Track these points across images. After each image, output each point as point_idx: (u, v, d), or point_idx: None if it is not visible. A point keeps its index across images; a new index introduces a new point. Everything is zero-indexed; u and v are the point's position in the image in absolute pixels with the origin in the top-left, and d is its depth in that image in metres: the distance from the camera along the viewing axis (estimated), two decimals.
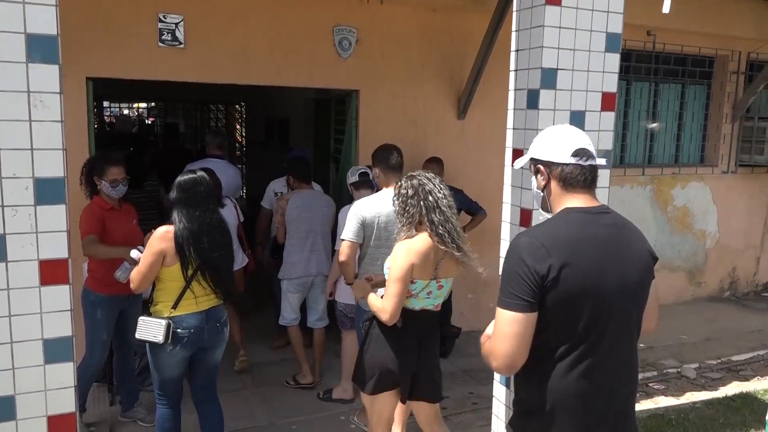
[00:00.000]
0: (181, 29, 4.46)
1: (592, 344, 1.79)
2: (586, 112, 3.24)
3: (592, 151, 1.90)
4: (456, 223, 2.83)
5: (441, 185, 2.88)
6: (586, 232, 1.82)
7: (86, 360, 3.74)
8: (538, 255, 1.74)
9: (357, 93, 5.22)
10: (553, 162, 1.90)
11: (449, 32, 5.45)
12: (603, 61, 3.23)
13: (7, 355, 2.21)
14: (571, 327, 1.77)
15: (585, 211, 1.86)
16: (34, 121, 2.14)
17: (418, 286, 2.81)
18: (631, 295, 1.85)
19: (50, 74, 2.15)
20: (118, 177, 3.66)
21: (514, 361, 1.77)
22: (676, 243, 7.04)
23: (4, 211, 2.14)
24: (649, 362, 5.33)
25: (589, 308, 1.77)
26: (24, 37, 2.09)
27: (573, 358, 1.79)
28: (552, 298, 1.74)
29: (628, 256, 1.85)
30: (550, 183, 1.93)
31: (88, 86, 4.30)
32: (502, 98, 3.56)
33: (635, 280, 1.85)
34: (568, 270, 1.73)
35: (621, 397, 1.88)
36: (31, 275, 2.20)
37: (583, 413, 1.81)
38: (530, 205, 3.19)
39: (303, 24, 4.87)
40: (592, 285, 1.76)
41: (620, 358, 1.86)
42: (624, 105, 6.61)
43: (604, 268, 1.78)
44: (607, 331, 1.80)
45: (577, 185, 1.88)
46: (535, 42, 3.10)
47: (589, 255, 1.78)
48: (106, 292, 3.68)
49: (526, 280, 1.73)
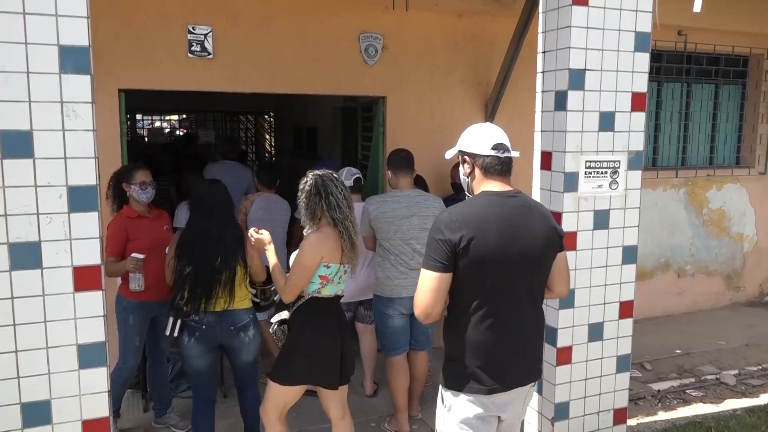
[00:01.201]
0: (210, 40, 4.52)
1: (497, 303, 2.20)
2: (615, 112, 3.20)
3: (508, 146, 2.31)
4: (353, 220, 3.04)
5: (342, 185, 3.04)
6: (493, 211, 2.20)
7: (119, 366, 3.79)
8: (453, 227, 2.15)
9: (384, 99, 5.23)
10: (477, 153, 2.30)
11: (475, 36, 5.43)
12: (632, 61, 3.19)
13: (43, 361, 2.26)
14: (479, 288, 2.19)
15: (496, 194, 2.26)
16: (67, 131, 2.20)
17: (332, 270, 2.99)
18: (532, 264, 2.24)
19: (82, 84, 2.20)
20: (146, 179, 3.73)
21: (432, 310, 2.19)
22: (712, 247, 6.87)
23: (39, 218, 2.19)
24: (686, 368, 5.20)
25: (493, 273, 2.17)
26: (57, 49, 2.15)
27: (482, 314, 2.20)
28: (463, 262, 2.15)
29: (530, 231, 2.23)
30: (474, 170, 2.32)
31: (121, 98, 4.39)
32: (530, 101, 3.53)
33: (536, 252, 2.24)
34: (476, 240, 2.13)
35: (523, 347, 2.30)
36: (66, 281, 2.25)
37: (491, 359, 2.23)
38: (560, 208, 3.15)
39: (329, 32, 4.90)
40: (496, 254, 2.16)
41: (523, 315, 2.27)
42: (655, 106, 6.49)
43: (507, 240, 2.18)
44: (511, 292, 2.21)
45: (495, 173, 2.28)
46: (563, 43, 3.06)
47: (494, 229, 2.17)
48: (138, 299, 3.74)
49: (443, 246, 2.14)
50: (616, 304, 3.36)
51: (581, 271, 3.24)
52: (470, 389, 2.24)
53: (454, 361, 2.29)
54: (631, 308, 3.42)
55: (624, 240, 3.33)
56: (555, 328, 3.22)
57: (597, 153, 3.18)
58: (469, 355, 2.23)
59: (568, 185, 3.14)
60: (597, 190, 3.21)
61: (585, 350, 3.31)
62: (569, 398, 3.31)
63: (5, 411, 2.22)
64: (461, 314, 2.23)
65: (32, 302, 2.21)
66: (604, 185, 3.22)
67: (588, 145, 3.15)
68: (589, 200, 3.20)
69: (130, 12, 4.34)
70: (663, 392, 4.77)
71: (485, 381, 2.23)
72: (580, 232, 3.21)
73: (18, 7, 2.10)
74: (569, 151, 3.12)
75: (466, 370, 2.24)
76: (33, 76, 2.13)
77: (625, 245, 3.33)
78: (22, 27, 2.11)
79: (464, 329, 2.23)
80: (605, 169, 3.21)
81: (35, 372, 2.25)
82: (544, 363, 3.25)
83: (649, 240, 6.38)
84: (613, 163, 3.23)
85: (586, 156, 3.16)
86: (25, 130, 2.14)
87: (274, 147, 12.16)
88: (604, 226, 3.26)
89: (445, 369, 2.34)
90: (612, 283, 3.33)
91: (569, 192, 3.15)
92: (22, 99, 2.13)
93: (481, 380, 2.23)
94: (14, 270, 2.17)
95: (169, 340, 4.01)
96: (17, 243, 2.17)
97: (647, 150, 6.39)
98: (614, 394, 3.45)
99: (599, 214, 3.24)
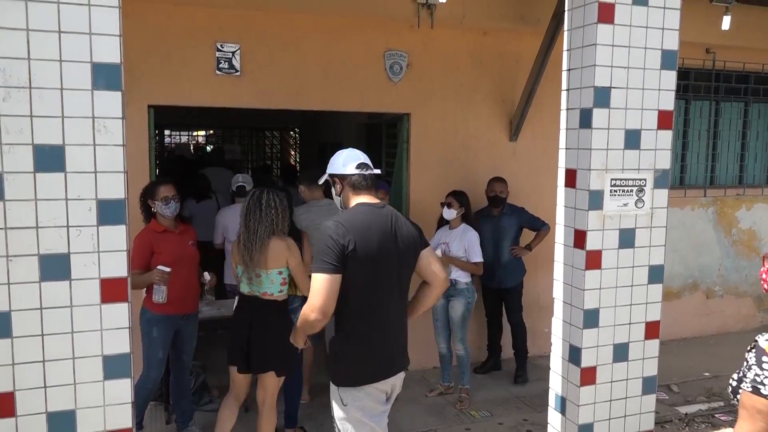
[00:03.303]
0: (238, 57, 4.61)
1: (376, 300, 2.55)
2: (642, 130, 3.17)
3: (370, 164, 2.73)
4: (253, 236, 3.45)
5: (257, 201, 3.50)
6: (370, 219, 2.57)
7: (143, 377, 3.83)
8: (341, 232, 2.47)
9: (408, 116, 5.25)
10: (345, 174, 2.70)
11: (500, 54, 5.44)
12: (659, 79, 3.16)
13: (69, 371, 2.29)
14: (363, 287, 2.51)
15: (369, 206, 2.65)
16: (97, 146, 2.24)
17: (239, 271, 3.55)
18: (402, 263, 2.63)
19: (113, 101, 2.25)
20: (169, 194, 3.80)
21: (327, 309, 2.45)
22: (742, 267, 6.72)
23: (69, 231, 2.24)
24: (714, 392, 5.08)
25: (374, 273, 2.52)
26: (90, 66, 2.21)
27: (364, 311, 2.54)
28: (350, 263, 2.46)
29: (398, 236, 2.61)
30: (344, 189, 2.71)
31: (150, 113, 4.48)
32: (555, 119, 3.51)
33: (405, 252, 2.63)
34: (360, 244, 2.48)
35: (394, 336, 2.65)
36: (93, 293, 2.29)
37: (368, 349, 2.55)
38: (584, 226, 3.12)
39: (354, 50, 4.96)
40: (374, 255, 2.51)
41: (393, 308, 2.62)
42: (683, 125, 6.41)
43: (382, 244, 2.54)
44: (386, 289, 2.58)
45: (362, 188, 2.69)
46: (588, 61, 3.05)
47: (373, 234, 2.53)
48: (163, 312, 3.78)
49: (333, 249, 2.44)
50: (642, 325, 3.30)
51: (606, 291, 3.20)
52: (361, 381, 2.56)
53: (342, 359, 2.59)
54: (657, 329, 3.36)
55: (650, 259, 3.27)
56: (579, 348, 3.18)
57: (623, 171, 3.15)
58: (356, 351, 2.56)
59: (593, 203, 3.11)
60: (622, 209, 3.17)
61: (610, 371, 3.25)
62: (593, 419, 3.25)
63: (32, 420, 2.25)
64: (344, 313, 2.55)
65: (60, 313, 2.24)
66: (629, 203, 3.18)
67: (613, 162, 3.12)
68: (615, 218, 3.16)
69: (161, 30, 4.45)
70: (691, 416, 4.66)
71: (372, 372, 2.57)
72: (605, 250, 3.17)
73: (54, 26, 2.16)
74: (594, 168, 3.09)
75: (356, 365, 2.57)
76: (66, 93, 2.19)
77: (651, 264, 3.28)
78: (57, 45, 2.17)
79: (349, 327, 2.57)
80: (631, 188, 3.17)
81: (61, 382, 2.28)
82: (568, 383, 3.21)
83: (677, 260, 6.27)
84: (639, 181, 3.19)
85: (612, 174, 3.12)
86: (58, 145, 2.19)
87: (299, 163, 12.26)
88: (630, 245, 3.22)
89: (333, 368, 2.62)
90: (638, 303, 3.28)
91: (594, 210, 3.12)
92: (56, 114, 2.18)
93: (369, 371, 2.56)
94: (44, 281, 2.21)
95: (192, 353, 4.07)
96: (47, 255, 2.21)
97: (674, 168, 6.30)
98: (640, 417, 3.38)
99: (625, 232, 3.20)
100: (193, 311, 4.01)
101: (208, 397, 4.61)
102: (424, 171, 5.32)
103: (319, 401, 4.60)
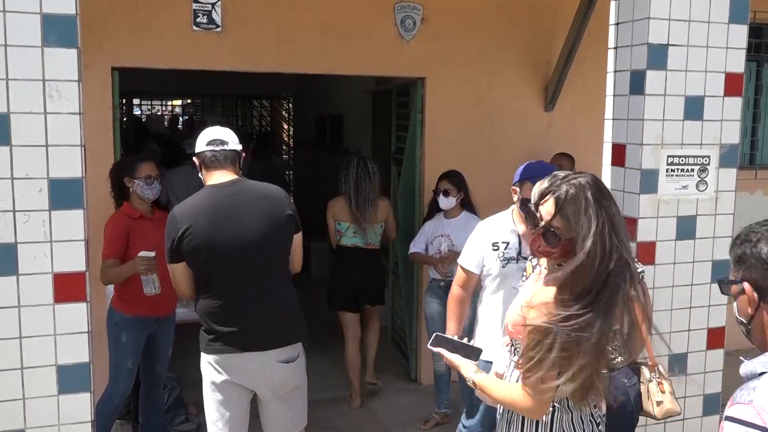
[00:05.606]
0: (218, 10, 4.57)
1: (220, 282, 2.92)
2: (705, 97, 3.16)
3: (225, 140, 2.99)
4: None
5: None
6: (207, 202, 2.89)
7: (108, 391, 3.84)
8: (173, 222, 2.86)
9: (423, 81, 5.22)
10: (198, 152, 3.00)
11: (533, 6, 5.39)
12: (726, 35, 3.14)
13: (18, 383, 2.29)
14: (203, 271, 2.91)
15: (213, 187, 2.94)
16: (49, 114, 2.23)
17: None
18: (251, 246, 2.89)
19: (68, 60, 2.23)
20: (152, 173, 3.79)
21: (185, 291, 3.00)
22: None
23: (15, 216, 2.23)
24: None
25: (208, 257, 2.86)
26: (39, 18, 2.18)
27: (211, 291, 2.93)
28: (184, 252, 2.85)
29: (245, 217, 2.89)
30: (201, 168, 3.01)
31: (114, 77, 4.46)
32: (599, 84, 3.50)
33: (253, 235, 2.90)
34: (190, 231, 2.82)
35: (256, 315, 2.95)
36: (45, 291, 2.28)
37: (224, 326, 2.93)
38: (635, 213, 3.12)
39: (358, 2, 4.92)
40: (206, 241, 2.83)
41: (253, 288, 2.95)
42: (754, 91, 6.36)
43: (217, 228, 2.84)
44: (233, 271, 2.90)
45: (212, 165, 2.96)
46: (641, 12, 3.03)
47: (206, 219, 2.84)
48: (133, 313, 3.78)
49: (169, 240, 2.87)
50: (704, 332, 3.31)
51: (660, 290, 3.19)
52: (210, 350, 2.98)
53: (203, 331, 3.03)
54: (722, 337, 3.36)
55: (714, 253, 3.27)
56: None
57: (681, 147, 3.15)
58: (209, 324, 2.96)
59: (645, 185, 3.11)
60: (681, 192, 3.18)
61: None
62: None
63: None
64: (200, 293, 2.98)
65: (5, 314, 2.24)
66: (689, 186, 3.19)
67: (670, 136, 3.11)
68: (671, 204, 3.17)
69: None
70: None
71: (225, 345, 2.95)
72: (659, 242, 3.17)
73: None
74: (647, 143, 3.08)
75: (209, 338, 2.98)
76: (11, 50, 2.17)
77: (715, 260, 3.27)
78: None
79: (203, 303, 2.97)
80: (692, 167, 3.17)
81: (7, 397, 2.28)
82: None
83: None
84: (702, 159, 3.19)
85: (668, 150, 3.12)
86: (2, 113, 2.18)
87: (292, 138, 12.26)
88: (690, 236, 3.22)
89: (200, 339, 3.06)
90: (698, 305, 3.28)
91: (647, 193, 3.12)
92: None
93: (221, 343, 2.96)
94: None
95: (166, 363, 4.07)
96: None
97: (743, 144, 6.24)
98: None
99: (683, 220, 3.20)
100: (170, 313, 4.00)
101: (184, 415, 4.62)
102: (442, 147, 5.28)
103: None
